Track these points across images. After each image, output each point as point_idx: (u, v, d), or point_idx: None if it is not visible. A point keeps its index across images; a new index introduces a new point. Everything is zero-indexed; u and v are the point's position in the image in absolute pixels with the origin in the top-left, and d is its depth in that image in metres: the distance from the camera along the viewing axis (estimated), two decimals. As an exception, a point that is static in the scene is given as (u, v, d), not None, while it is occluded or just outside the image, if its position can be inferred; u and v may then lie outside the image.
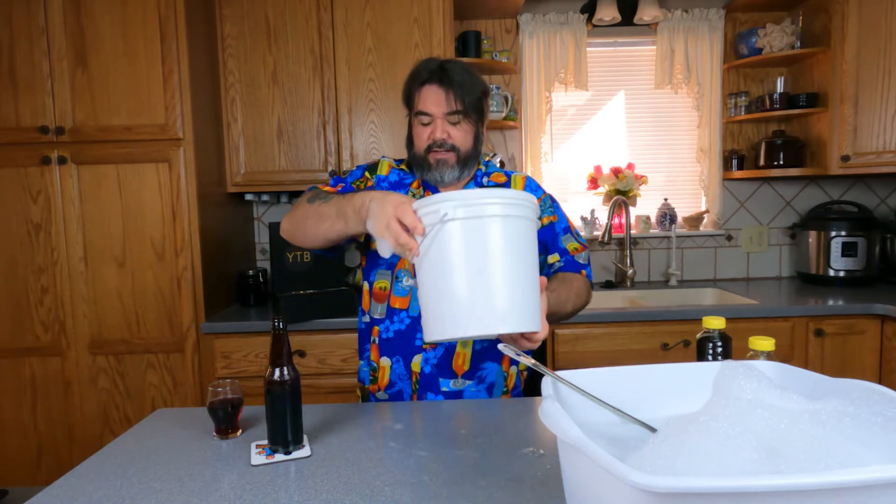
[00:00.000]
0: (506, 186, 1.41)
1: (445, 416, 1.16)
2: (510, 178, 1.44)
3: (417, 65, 1.34)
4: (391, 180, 1.41)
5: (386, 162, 1.45)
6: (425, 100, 1.31)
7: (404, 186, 1.40)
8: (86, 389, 2.19)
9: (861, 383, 0.67)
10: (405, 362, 1.32)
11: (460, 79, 1.29)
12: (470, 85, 1.30)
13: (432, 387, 1.32)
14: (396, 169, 1.43)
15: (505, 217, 0.88)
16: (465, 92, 1.29)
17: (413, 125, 1.36)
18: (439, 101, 1.29)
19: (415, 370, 1.32)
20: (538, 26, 2.73)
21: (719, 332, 1.06)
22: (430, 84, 1.30)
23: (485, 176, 1.43)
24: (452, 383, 1.32)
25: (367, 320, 1.39)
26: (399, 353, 1.33)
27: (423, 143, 1.33)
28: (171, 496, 0.86)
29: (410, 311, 1.32)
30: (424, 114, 1.31)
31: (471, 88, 1.30)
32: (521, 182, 1.44)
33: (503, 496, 0.82)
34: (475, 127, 1.35)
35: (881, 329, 2.18)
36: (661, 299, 2.67)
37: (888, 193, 2.82)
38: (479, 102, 1.33)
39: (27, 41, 2.09)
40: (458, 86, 1.28)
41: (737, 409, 0.63)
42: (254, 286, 2.46)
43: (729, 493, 0.48)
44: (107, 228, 2.15)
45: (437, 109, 1.30)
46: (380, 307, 1.35)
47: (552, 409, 0.66)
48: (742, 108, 2.74)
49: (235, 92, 2.38)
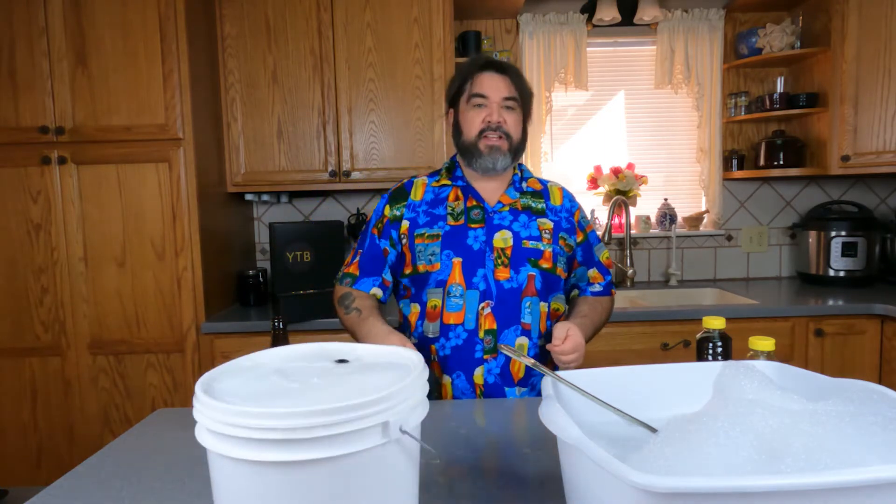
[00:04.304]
0: (542, 194, 1.43)
1: (445, 417, 1.16)
2: (546, 188, 1.45)
3: (470, 59, 1.42)
4: (427, 200, 1.40)
5: (420, 182, 1.44)
6: (482, 83, 1.35)
7: (442, 202, 1.40)
8: (86, 389, 2.19)
9: (861, 383, 0.67)
10: (467, 376, 1.30)
11: (514, 71, 1.39)
12: (522, 80, 1.39)
13: (498, 397, 1.31)
14: (432, 186, 1.43)
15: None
16: (520, 82, 1.37)
17: (462, 112, 1.39)
18: (498, 85, 1.34)
19: (478, 382, 1.30)
20: (538, 26, 2.73)
21: (719, 332, 1.06)
22: (487, 70, 1.36)
23: (523, 181, 1.44)
24: (517, 391, 1.31)
25: (414, 341, 1.37)
26: (459, 367, 1.30)
27: (476, 128, 1.35)
28: (171, 496, 0.86)
29: (466, 325, 1.30)
30: (481, 96, 1.35)
31: (523, 83, 1.38)
32: (558, 193, 1.45)
33: (503, 496, 0.82)
34: (523, 119, 1.40)
35: (881, 329, 2.18)
36: (661, 299, 2.67)
37: (888, 193, 2.82)
38: (530, 99, 1.41)
39: (27, 41, 2.09)
40: (514, 74, 1.36)
41: (737, 409, 0.63)
42: (254, 286, 2.46)
43: (729, 493, 0.48)
44: (107, 228, 2.15)
45: (494, 94, 1.34)
46: (432, 325, 1.33)
47: (552, 409, 0.66)
48: (742, 108, 2.74)
49: (235, 92, 2.38)
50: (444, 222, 1.36)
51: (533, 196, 1.41)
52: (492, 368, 1.30)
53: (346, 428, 0.54)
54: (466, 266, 1.32)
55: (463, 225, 1.35)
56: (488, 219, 1.36)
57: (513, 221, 1.36)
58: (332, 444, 0.54)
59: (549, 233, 1.36)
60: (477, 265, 1.32)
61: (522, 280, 1.32)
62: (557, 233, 1.38)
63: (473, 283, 1.31)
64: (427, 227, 1.36)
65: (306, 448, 0.54)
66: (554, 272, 1.35)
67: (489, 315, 1.30)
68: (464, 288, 1.31)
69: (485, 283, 1.31)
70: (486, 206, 1.37)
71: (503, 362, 1.30)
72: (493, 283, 1.31)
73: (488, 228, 1.35)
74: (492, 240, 1.33)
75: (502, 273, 1.31)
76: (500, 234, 1.34)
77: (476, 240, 1.34)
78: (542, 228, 1.36)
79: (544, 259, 1.34)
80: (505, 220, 1.36)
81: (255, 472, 0.55)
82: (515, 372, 1.31)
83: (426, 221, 1.37)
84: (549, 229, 1.37)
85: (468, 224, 1.35)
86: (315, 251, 2.22)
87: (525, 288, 1.32)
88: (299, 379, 0.65)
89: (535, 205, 1.40)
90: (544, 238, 1.35)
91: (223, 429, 0.55)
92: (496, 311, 1.30)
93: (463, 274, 1.31)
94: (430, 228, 1.36)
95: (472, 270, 1.31)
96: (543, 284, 1.34)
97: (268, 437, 0.53)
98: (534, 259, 1.33)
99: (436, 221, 1.37)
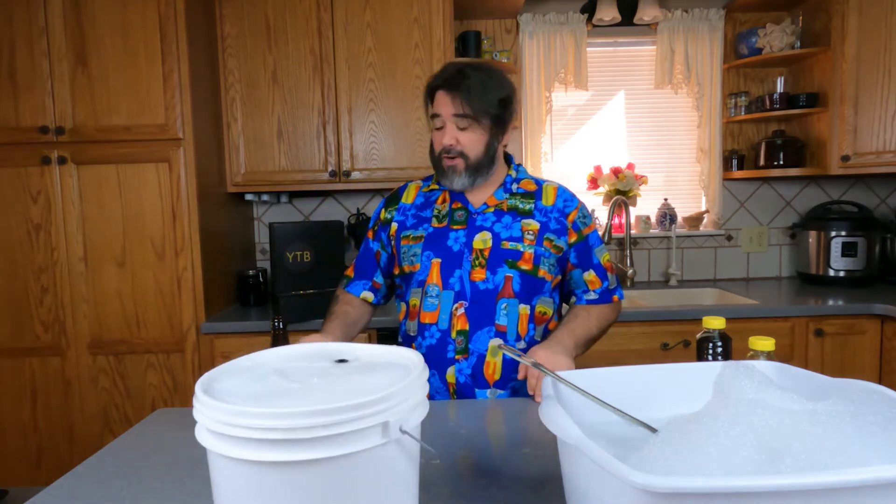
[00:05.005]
0: (535, 195, 1.40)
1: (445, 416, 1.16)
2: (541, 188, 1.41)
3: (436, 73, 1.36)
4: (417, 203, 1.43)
5: (413, 185, 1.48)
6: (437, 103, 1.34)
7: (430, 205, 1.42)
8: (86, 389, 2.19)
9: (861, 383, 0.67)
10: (440, 375, 1.31)
11: (471, 83, 1.28)
12: (481, 90, 1.29)
13: (469, 397, 1.31)
14: (422, 191, 1.45)
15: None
16: (473, 97, 1.28)
17: (431, 129, 1.39)
18: (447, 104, 1.31)
19: (450, 381, 1.31)
20: (538, 26, 2.73)
21: (719, 332, 1.06)
22: (440, 89, 1.33)
23: (514, 182, 1.41)
24: (488, 393, 1.31)
25: (399, 341, 1.43)
26: (433, 366, 1.32)
27: (437, 148, 1.36)
28: (171, 496, 0.86)
29: (440, 324, 1.31)
30: (436, 116, 1.34)
31: (482, 93, 1.29)
32: (552, 192, 1.40)
33: (503, 496, 0.82)
34: (488, 133, 1.33)
35: (881, 329, 2.18)
36: (661, 299, 2.67)
37: (888, 193, 2.82)
38: (495, 108, 1.31)
39: (27, 41, 2.09)
40: (466, 90, 1.28)
41: (737, 409, 0.63)
42: (254, 286, 2.46)
43: (729, 493, 0.48)
44: (107, 228, 2.15)
45: (445, 111, 1.31)
46: (412, 324, 1.36)
47: (552, 409, 0.66)
48: (742, 108, 2.74)
49: (235, 92, 2.38)
50: (429, 224, 1.38)
51: (523, 197, 1.39)
52: (462, 368, 1.30)
53: (346, 428, 0.54)
54: (444, 267, 1.33)
55: (446, 227, 1.37)
56: (471, 220, 1.36)
57: (495, 223, 1.36)
58: (332, 444, 0.54)
59: (532, 234, 1.34)
60: (454, 266, 1.33)
61: (499, 281, 1.31)
62: (543, 234, 1.35)
63: (450, 284, 1.32)
64: (413, 229, 1.39)
65: (306, 448, 0.54)
66: (535, 274, 1.32)
67: (462, 316, 1.30)
68: (440, 288, 1.32)
69: (460, 283, 1.32)
70: (470, 208, 1.38)
71: (474, 363, 1.30)
72: (468, 283, 1.31)
73: (469, 230, 1.35)
74: (472, 241, 1.34)
75: (478, 274, 1.31)
76: (479, 236, 1.34)
77: (456, 241, 1.34)
78: (525, 229, 1.34)
79: (523, 260, 1.32)
80: (487, 221, 1.36)
81: (255, 472, 0.55)
82: (490, 374, 1.30)
83: (413, 224, 1.40)
84: (533, 230, 1.34)
85: (451, 226, 1.36)
86: (315, 251, 2.22)
87: (501, 289, 1.31)
88: (299, 379, 0.65)
89: (522, 205, 1.38)
90: (526, 239, 1.33)
91: (223, 429, 0.55)
92: (469, 312, 1.30)
93: (441, 274, 1.33)
94: (415, 230, 1.39)
95: (450, 271, 1.32)
96: (524, 286, 1.32)
97: (268, 437, 0.53)
98: (511, 260, 1.32)
99: (422, 223, 1.39)
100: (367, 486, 0.58)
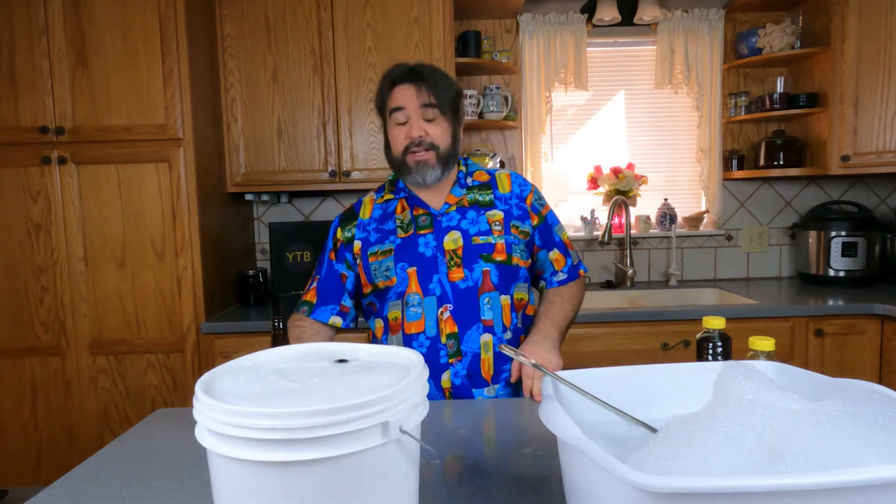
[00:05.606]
0: (490, 185, 1.40)
1: (445, 417, 1.16)
2: (494, 177, 1.42)
3: (389, 70, 1.35)
4: (375, 217, 1.40)
5: (367, 199, 1.44)
6: (398, 97, 1.31)
7: (390, 216, 1.39)
8: (86, 389, 2.19)
9: (861, 383, 0.67)
10: (435, 382, 1.30)
11: (431, 76, 1.31)
12: (442, 82, 1.32)
13: (466, 398, 1.30)
14: (378, 203, 1.42)
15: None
16: (437, 87, 1.30)
17: (389, 128, 1.36)
18: (411, 96, 1.30)
19: (445, 386, 1.29)
20: (538, 26, 2.73)
21: (719, 332, 1.06)
22: (401, 84, 1.31)
23: (468, 176, 1.41)
24: (486, 391, 1.30)
25: None
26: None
27: (401, 145, 1.33)
28: (172, 496, 0.86)
29: (427, 332, 1.30)
30: (399, 109, 1.31)
31: (443, 86, 1.31)
32: (506, 179, 1.42)
33: (503, 496, 0.82)
34: (452, 125, 1.35)
35: (881, 329, 2.18)
36: (661, 299, 2.67)
37: (888, 193, 2.82)
38: (454, 101, 1.34)
39: (27, 41, 2.09)
40: (429, 81, 1.30)
41: (737, 409, 0.63)
42: (254, 286, 2.46)
43: (729, 493, 0.48)
44: (107, 228, 2.15)
45: (410, 103, 1.30)
46: (395, 337, 1.34)
47: (552, 409, 0.66)
48: (742, 108, 2.74)
49: (235, 92, 2.38)
50: (395, 236, 1.36)
51: (480, 189, 1.39)
52: (458, 371, 1.29)
53: (346, 428, 0.54)
54: (421, 274, 1.31)
55: (413, 234, 1.35)
56: (436, 223, 1.35)
57: (461, 220, 1.35)
58: (332, 444, 0.54)
59: (499, 224, 1.35)
60: (431, 271, 1.32)
61: (477, 277, 1.31)
62: (508, 221, 1.36)
63: (430, 290, 1.31)
64: (379, 243, 1.36)
65: (306, 448, 0.54)
66: (510, 263, 1.33)
67: (449, 319, 1.29)
68: (421, 296, 1.31)
69: (440, 287, 1.31)
70: (433, 211, 1.36)
71: (469, 363, 1.29)
72: (448, 285, 1.31)
73: (437, 232, 1.34)
74: (442, 243, 1.33)
75: (456, 274, 1.31)
76: (449, 236, 1.33)
77: (427, 246, 1.33)
78: (491, 221, 1.35)
79: (497, 252, 1.32)
80: (453, 220, 1.35)
81: (255, 472, 0.55)
82: (486, 371, 1.30)
83: (377, 238, 1.37)
84: (499, 220, 1.35)
85: (417, 232, 1.35)
86: (315, 251, 2.22)
87: (481, 285, 1.31)
88: (299, 379, 0.65)
89: (482, 197, 1.38)
90: (494, 230, 1.34)
91: (223, 429, 0.55)
92: (455, 314, 1.30)
93: (419, 282, 1.31)
94: (381, 245, 1.36)
95: (428, 277, 1.31)
96: (501, 277, 1.33)
97: (268, 437, 0.53)
98: (486, 254, 1.32)
99: (387, 237, 1.36)
100: (367, 486, 0.58)
